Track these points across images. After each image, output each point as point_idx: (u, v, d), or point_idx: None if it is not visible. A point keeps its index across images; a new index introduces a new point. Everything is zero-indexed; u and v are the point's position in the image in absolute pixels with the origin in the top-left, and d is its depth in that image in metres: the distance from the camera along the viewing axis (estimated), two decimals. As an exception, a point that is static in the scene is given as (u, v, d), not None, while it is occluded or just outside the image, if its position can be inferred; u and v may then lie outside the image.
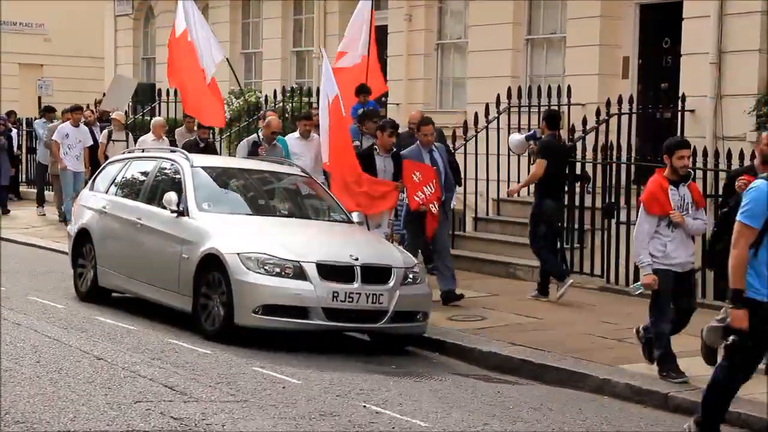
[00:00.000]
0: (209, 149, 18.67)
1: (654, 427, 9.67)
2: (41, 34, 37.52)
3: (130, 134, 21.89)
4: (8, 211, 24.41)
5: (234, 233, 12.25)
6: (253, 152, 15.80)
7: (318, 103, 21.70)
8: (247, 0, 26.78)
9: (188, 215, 12.72)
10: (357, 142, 15.78)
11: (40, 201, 24.27)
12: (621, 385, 10.73)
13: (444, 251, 14.77)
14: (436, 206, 14.24)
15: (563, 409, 10.00)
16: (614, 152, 15.92)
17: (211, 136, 20.57)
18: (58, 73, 36.26)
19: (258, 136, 16.19)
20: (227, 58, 16.87)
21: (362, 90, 17.00)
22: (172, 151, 14.85)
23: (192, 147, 17.59)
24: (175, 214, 12.78)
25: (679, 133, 16.98)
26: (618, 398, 10.62)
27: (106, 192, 14.50)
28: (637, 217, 11.02)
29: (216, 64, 16.07)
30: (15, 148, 26.50)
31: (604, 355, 11.75)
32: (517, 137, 15.75)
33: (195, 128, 19.37)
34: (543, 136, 14.93)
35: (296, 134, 16.59)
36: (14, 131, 26.87)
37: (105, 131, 21.60)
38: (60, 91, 34.71)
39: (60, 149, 21.61)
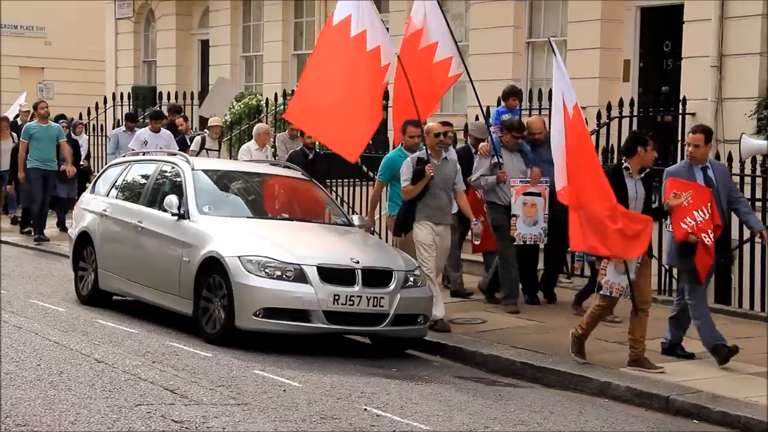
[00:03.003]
0: (319, 162, 16.14)
1: (655, 430, 9.67)
2: (42, 37, 37.50)
3: (223, 144, 19.65)
4: (66, 229, 20.67)
5: (235, 236, 12.24)
6: (419, 172, 12.82)
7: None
8: (248, 3, 26.78)
9: (189, 218, 12.71)
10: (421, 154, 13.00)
11: None
12: (622, 388, 10.73)
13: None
14: (711, 237, 11.24)
15: (564, 412, 10.01)
16: (615, 155, 15.91)
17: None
18: (58, 76, 36.28)
19: (427, 153, 12.97)
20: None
21: (513, 92, 15.21)
22: (173, 154, 14.82)
23: (298, 159, 15.73)
24: (176, 217, 12.78)
25: (679, 137, 17.00)
26: (619, 401, 10.63)
27: (107, 195, 14.49)
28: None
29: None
30: (82, 158, 22.95)
31: (605, 358, 11.74)
32: (756, 143, 13.23)
33: (298, 135, 16.79)
34: None
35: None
36: (84, 138, 24.30)
37: (198, 138, 18.83)
38: (60, 94, 34.73)
39: None
